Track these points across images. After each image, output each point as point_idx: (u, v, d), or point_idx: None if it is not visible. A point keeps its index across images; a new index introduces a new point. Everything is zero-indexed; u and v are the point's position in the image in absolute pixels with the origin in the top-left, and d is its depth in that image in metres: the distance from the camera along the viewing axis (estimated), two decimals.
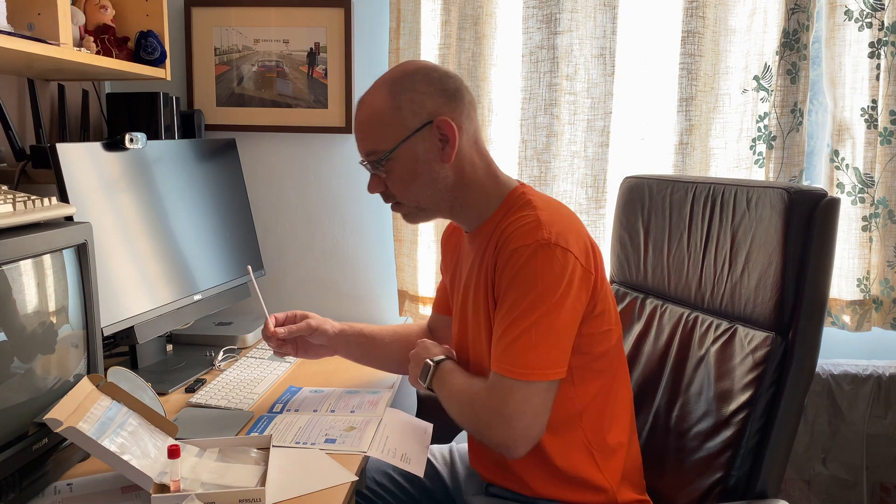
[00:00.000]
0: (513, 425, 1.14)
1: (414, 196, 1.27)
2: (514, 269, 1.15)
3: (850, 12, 1.95)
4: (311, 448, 1.29)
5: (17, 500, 1.07)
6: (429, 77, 1.24)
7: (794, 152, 1.99)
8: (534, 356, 1.13)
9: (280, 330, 1.48)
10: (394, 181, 1.26)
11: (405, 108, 1.22)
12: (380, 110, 1.23)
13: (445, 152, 1.23)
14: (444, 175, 1.25)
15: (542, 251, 1.14)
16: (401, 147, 1.22)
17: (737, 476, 1.24)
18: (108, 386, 1.18)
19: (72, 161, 1.47)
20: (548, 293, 1.13)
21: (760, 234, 1.28)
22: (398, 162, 1.23)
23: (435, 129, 1.22)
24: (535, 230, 1.16)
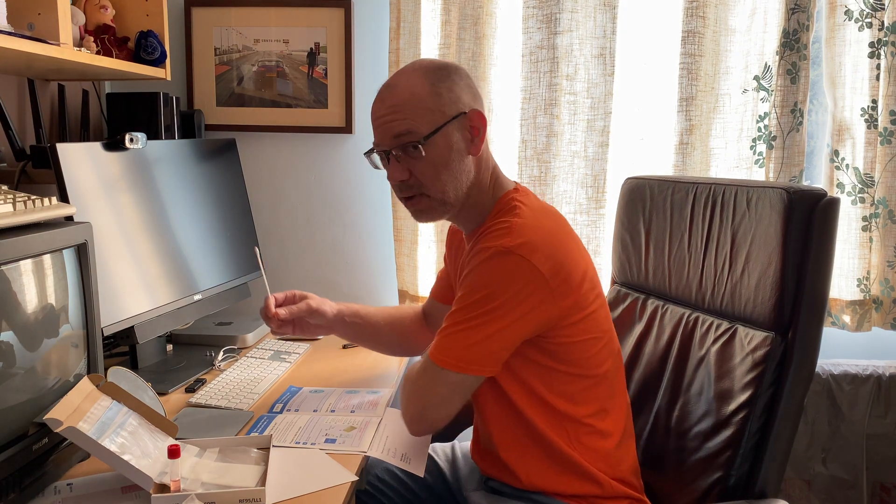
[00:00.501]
0: (415, 402, 1.21)
1: (442, 185, 1.25)
2: (470, 269, 1.19)
3: (850, 12, 1.95)
4: (311, 448, 1.29)
5: (17, 500, 1.07)
6: (461, 73, 1.29)
7: (794, 152, 1.99)
8: (457, 348, 1.17)
9: (281, 311, 1.50)
10: (424, 167, 1.24)
11: (445, 96, 1.24)
12: (419, 94, 1.23)
13: (475, 144, 1.26)
14: (468, 169, 1.27)
15: (499, 257, 1.16)
16: (439, 132, 1.23)
17: (736, 476, 1.24)
18: (108, 386, 1.18)
19: (72, 161, 1.47)
20: (492, 297, 1.15)
21: (760, 234, 1.28)
22: (433, 147, 1.23)
23: (467, 121, 1.25)
24: (502, 236, 1.18)
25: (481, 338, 1.16)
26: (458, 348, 1.17)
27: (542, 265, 1.16)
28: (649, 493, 1.34)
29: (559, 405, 1.24)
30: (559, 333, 1.21)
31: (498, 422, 1.28)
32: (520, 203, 1.25)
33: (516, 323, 1.16)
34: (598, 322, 1.27)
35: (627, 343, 1.54)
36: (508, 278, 1.15)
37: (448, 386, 1.19)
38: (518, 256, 1.15)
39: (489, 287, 1.16)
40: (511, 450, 1.27)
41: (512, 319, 1.16)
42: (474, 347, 1.17)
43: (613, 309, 1.62)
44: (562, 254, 1.19)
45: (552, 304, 1.18)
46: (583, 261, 1.25)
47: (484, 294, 1.16)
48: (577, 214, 2.09)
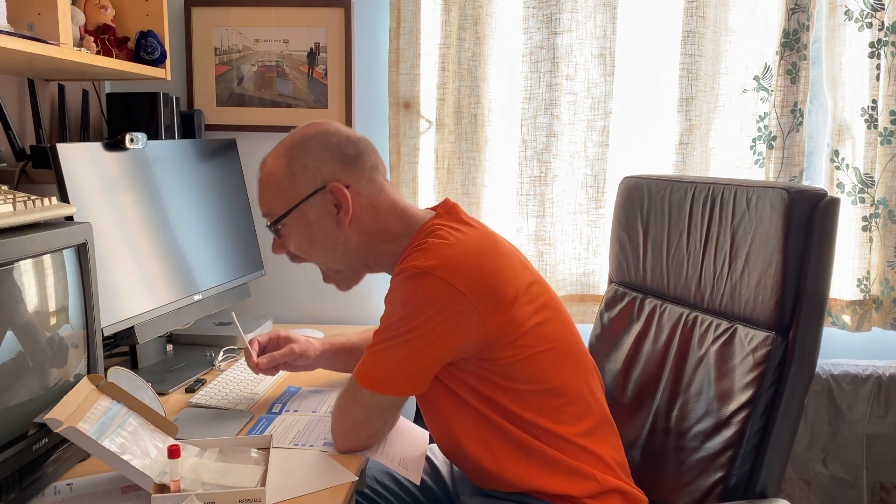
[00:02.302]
0: (338, 421, 1.24)
1: (318, 258, 1.29)
2: (391, 289, 1.18)
3: (850, 12, 1.95)
4: (309, 449, 1.29)
5: (17, 500, 1.07)
6: (326, 142, 1.25)
7: (794, 152, 1.99)
8: (376, 369, 1.18)
9: (262, 360, 1.47)
10: (293, 245, 1.28)
11: (299, 174, 1.24)
12: (275, 174, 1.25)
13: (340, 218, 1.24)
14: (345, 238, 1.26)
15: (416, 278, 1.14)
16: (293, 212, 1.25)
17: (737, 476, 1.24)
18: (108, 386, 1.18)
19: (72, 161, 1.47)
20: (410, 317, 1.14)
21: (760, 234, 1.28)
22: (293, 227, 1.26)
23: (329, 195, 1.23)
24: (419, 257, 1.16)
25: (399, 359, 1.16)
26: (376, 369, 1.18)
27: (462, 285, 1.13)
28: (649, 493, 1.33)
29: (528, 416, 1.21)
30: (500, 354, 1.18)
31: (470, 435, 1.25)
32: (441, 225, 1.23)
33: (436, 343, 1.14)
34: (543, 334, 1.22)
35: (625, 343, 1.54)
36: (427, 300, 1.13)
37: (366, 407, 1.20)
38: (436, 277, 1.12)
39: (407, 308, 1.14)
40: (491, 460, 1.23)
41: (431, 340, 1.14)
42: (393, 368, 1.17)
43: (611, 308, 1.62)
44: (487, 271, 1.16)
45: (478, 325, 1.14)
46: (515, 275, 1.20)
47: (402, 315, 1.15)
48: (577, 214, 2.09)
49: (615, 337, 1.57)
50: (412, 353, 1.16)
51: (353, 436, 1.24)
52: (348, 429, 1.24)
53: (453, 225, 1.24)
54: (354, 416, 1.22)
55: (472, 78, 2.05)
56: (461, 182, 2.10)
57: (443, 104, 2.06)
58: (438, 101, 2.06)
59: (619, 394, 1.51)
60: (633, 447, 1.43)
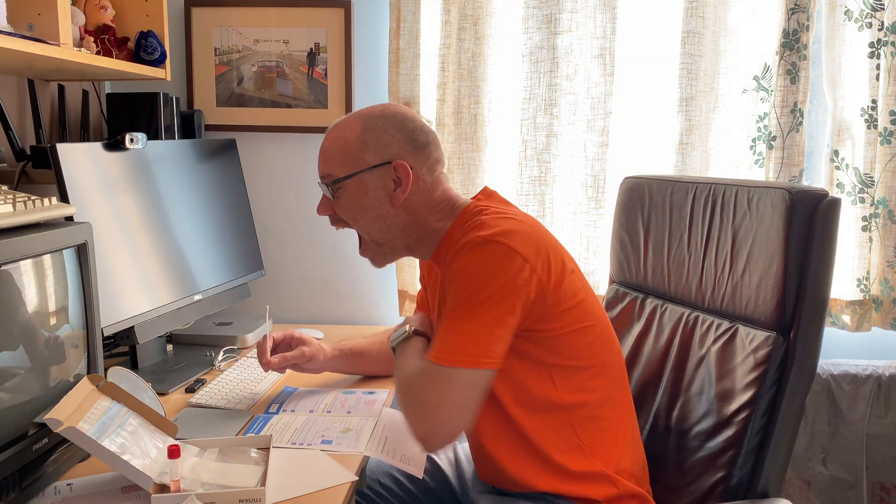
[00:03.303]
0: (425, 415, 1.14)
1: (363, 227, 1.31)
2: (455, 267, 1.18)
3: (849, 12, 1.95)
4: (308, 449, 1.29)
5: (17, 500, 1.07)
6: (403, 124, 1.29)
7: (794, 152, 1.99)
8: (462, 344, 1.13)
9: (274, 359, 1.51)
10: (341, 208, 1.30)
11: (370, 144, 1.27)
12: (345, 138, 1.28)
13: (396, 194, 1.27)
14: (394, 214, 1.28)
15: (479, 248, 1.16)
16: (353, 178, 1.27)
17: (739, 476, 1.24)
18: (108, 386, 1.18)
19: (72, 161, 1.47)
20: (484, 286, 1.14)
21: (762, 234, 1.28)
22: (348, 191, 1.28)
23: (391, 171, 1.26)
24: (476, 229, 1.19)
25: (483, 328, 1.14)
26: (463, 343, 1.14)
27: (522, 248, 1.16)
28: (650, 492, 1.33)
29: (563, 398, 1.22)
30: (550, 326, 1.20)
31: (490, 432, 1.26)
32: (486, 206, 1.27)
33: (512, 307, 1.15)
34: (590, 310, 1.26)
35: (626, 342, 1.54)
36: (494, 265, 1.15)
37: (461, 387, 1.12)
38: (497, 244, 1.15)
39: (478, 278, 1.15)
40: (509, 459, 1.25)
41: (508, 305, 1.14)
42: (480, 339, 1.14)
43: (611, 308, 1.62)
44: (542, 240, 1.21)
45: (539, 286, 1.17)
46: (562, 248, 1.25)
47: (475, 286, 1.15)
48: (577, 214, 2.09)
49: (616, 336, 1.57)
50: (495, 319, 1.14)
51: (448, 426, 1.14)
52: (442, 419, 1.13)
53: (497, 205, 1.29)
54: (451, 402, 1.12)
55: (472, 78, 2.05)
56: (461, 182, 2.10)
57: (443, 104, 2.06)
58: (438, 101, 2.06)
59: None
60: None
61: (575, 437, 1.23)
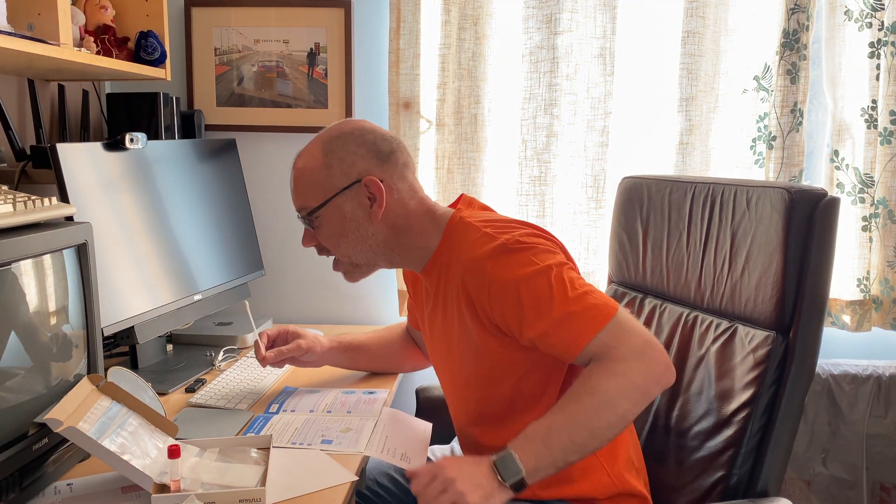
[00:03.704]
0: (645, 355, 1.07)
1: (345, 252, 1.30)
2: (499, 280, 1.16)
3: (849, 12, 1.95)
4: (308, 449, 1.29)
5: (17, 500, 1.07)
6: (363, 138, 1.27)
7: (794, 152, 1.99)
8: (598, 297, 1.12)
9: (270, 354, 1.51)
10: (324, 237, 1.30)
11: (335, 167, 1.26)
12: (311, 168, 1.27)
13: (373, 211, 1.26)
14: (374, 232, 1.28)
15: (507, 254, 1.16)
16: (328, 204, 1.26)
17: (738, 475, 1.24)
18: (108, 386, 1.18)
19: (72, 161, 1.47)
20: (553, 265, 1.14)
21: (761, 234, 1.28)
22: (326, 219, 1.28)
23: (363, 188, 1.25)
24: (485, 241, 1.19)
25: (581, 283, 1.14)
26: (590, 302, 1.11)
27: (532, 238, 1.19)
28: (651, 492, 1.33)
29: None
30: None
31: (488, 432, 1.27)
32: (472, 220, 1.26)
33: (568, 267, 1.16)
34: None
35: None
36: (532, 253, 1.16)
37: (629, 321, 1.11)
38: (515, 241, 1.17)
39: (531, 265, 1.14)
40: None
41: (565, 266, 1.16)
42: (595, 292, 1.13)
43: None
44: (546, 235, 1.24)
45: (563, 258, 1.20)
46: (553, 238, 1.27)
47: (533, 271, 1.14)
48: (576, 214, 2.09)
49: None
50: (576, 276, 1.15)
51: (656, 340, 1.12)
52: (649, 338, 1.10)
53: (478, 213, 1.29)
54: (638, 328, 1.11)
55: (472, 78, 2.05)
56: (461, 182, 2.10)
57: (443, 104, 2.06)
58: (438, 101, 2.06)
59: None
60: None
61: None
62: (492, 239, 1.19)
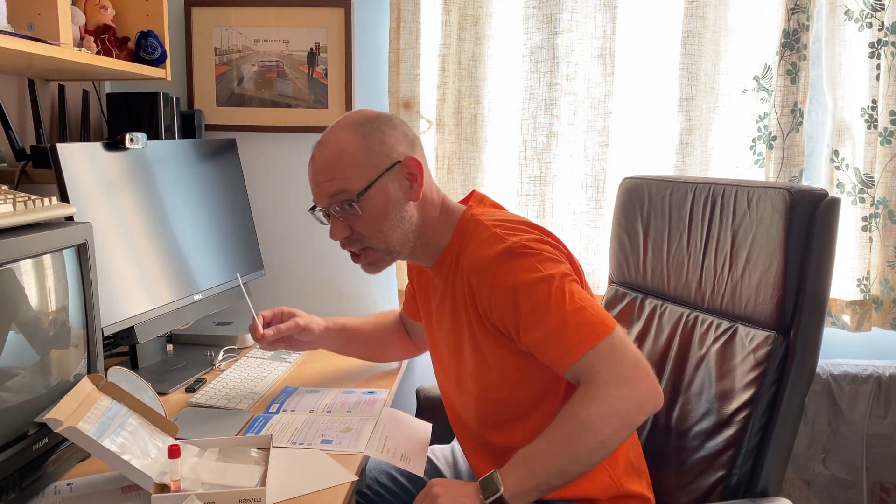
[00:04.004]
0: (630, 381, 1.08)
1: (384, 237, 1.26)
2: (501, 285, 1.16)
3: (850, 12, 1.95)
4: (308, 448, 1.29)
5: (17, 500, 1.07)
6: (392, 123, 1.27)
7: (794, 152, 1.99)
8: (594, 315, 1.11)
9: (268, 332, 1.50)
10: (364, 222, 1.24)
11: (375, 149, 1.24)
12: (349, 150, 1.23)
13: (413, 190, 1.25)
14: (411, 214, 1.27)
15: (511, 258, 1.16)
16: (373, 187, 1.23)
17: (739, 475, 1.24)
18: (108, 386, 1.18)
19: (72, 161, 1.47)
20: (556, 275, 1.14)
21: (761, 234, 1.28)
22: (369, 202, 1.23)
23: (403, 169, 1.25)
24: (493, 243, 1.19)
25: (582, 297, 1.13)
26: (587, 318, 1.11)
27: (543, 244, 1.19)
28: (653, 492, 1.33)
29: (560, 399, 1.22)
30: None
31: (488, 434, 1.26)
32: (483, 218, 1.26)
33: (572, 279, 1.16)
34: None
35: None
36: (536, 260, 1.16)
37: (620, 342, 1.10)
38: (522, 245, 1.17)
39: (535, 270, 1.14)
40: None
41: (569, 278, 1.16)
42: (594, 307, 1.13)
43: (611, 308, 1.62)
44: (554, 241, 1.24)
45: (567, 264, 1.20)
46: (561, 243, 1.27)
47: (537, 277, 1.14)
48: (577, 214, 2.09)
49: None
50: (578, 289, 1.15)
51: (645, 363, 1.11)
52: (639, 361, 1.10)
53: (490, 211, 1.29)
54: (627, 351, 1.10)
55: (472, 78, 2.05)
56: (461, 182, 2.10)
57: (443, 104, 2.06)
58: (438, 101, 2.06)
59: None
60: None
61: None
62: (500, 241, 1.18)
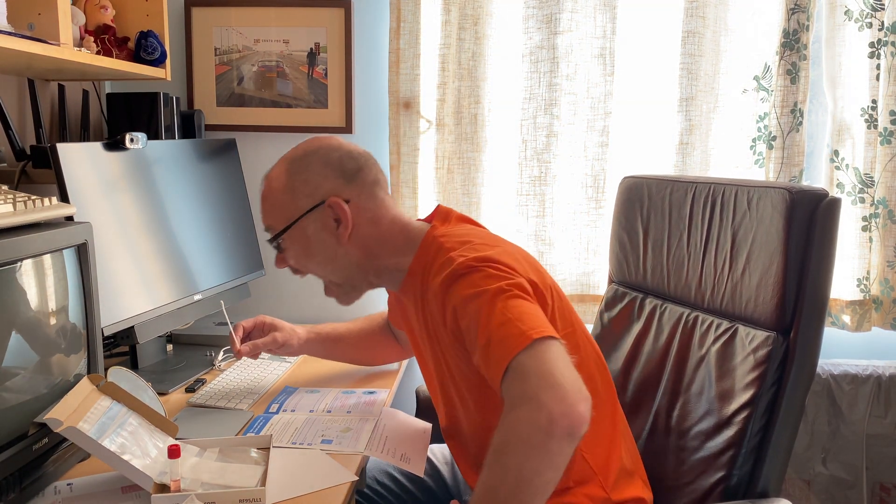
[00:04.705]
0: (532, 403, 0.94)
1: (318, 271, 1.29)
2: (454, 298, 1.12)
3: (850, 12, 1.95)
4: (308, 448, 1.29)
5: (17, 500, 1.07)
6: (328, 157, 1.25)
7: (794, 152, 1.99)
8: (517, 327, 1.02)
9: (244, 348, 1.51)
10: (292, 258, 1.28)
11: (299, 189, 1.24)
12: (275, 189, 1.26)
13: (339, 232, 1.24)
14: (345, 252, 1.25)
15: (456, 278, 1.12)
16: (292, 227, 1.24)
17: (738, 475, 1.24)
18: (108, 386, 1.18)
19: (72, 161, 1.47)
20: (490, 290, 1.07)
21: (761, 234, 1.28)
22: (291, 241, 1.26)
23: (329, 210, 1.23)
24: (447, 266, 1.14)
25: (522, 309, 1.05)
26: (517, 326, 1.01)
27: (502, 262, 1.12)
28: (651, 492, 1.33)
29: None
30: None
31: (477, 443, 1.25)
32: (444, 234, 1.22)
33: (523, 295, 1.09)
34: (565, 315, 1.22)
35: (626, 342, 1.54)
36: (485, 277, 1.10)
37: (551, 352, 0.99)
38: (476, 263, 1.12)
39: (479, 284, 1.09)
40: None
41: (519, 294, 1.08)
42: (530, 317, 1.04)
43: (611, 308, 1.62)
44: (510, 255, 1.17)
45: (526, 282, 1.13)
46: (524, 258, 1.21)
47: (479, 290, 1.08)
48: (577, 214, 2.09)
49: (615, 337, 1.57)
50: (526, 303, 1.07)
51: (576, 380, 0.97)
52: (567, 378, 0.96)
53: (454, 231, 1.25)
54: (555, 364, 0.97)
55: (472, 78, 2.05)
56: (461, 182, 2.10)
57: (443, 104, 2.06)
58: (438, 101, 2.06)
59: (619, 394, 1.51)
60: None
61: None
62: (451, 263, 1.14)
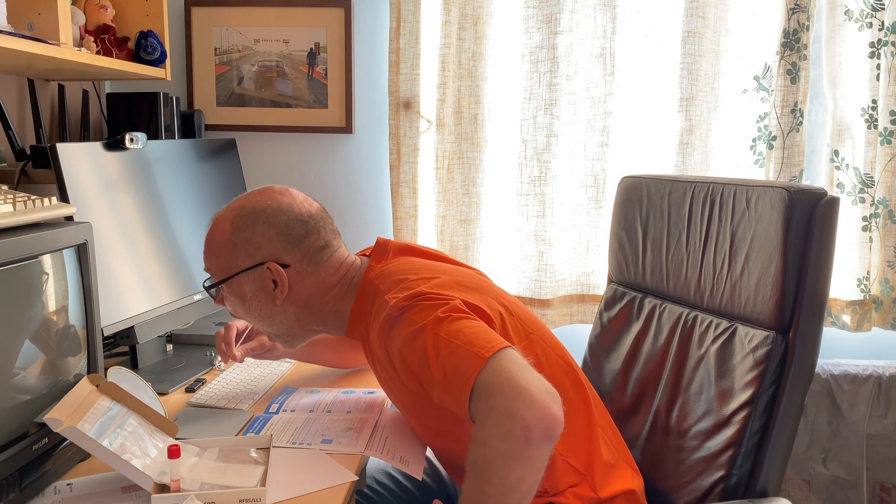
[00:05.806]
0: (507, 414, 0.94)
1: (255, 324, 1.30)
2: (396, 354, 1.11)
3: (850, 12, 1.96)
4: (308, 448, 1.29)
5: (17, 499, 1.07)
6: (275, 220, 1.23)
7: (794, 152, 1.99)
8: (467, 351, 1.01)
9: (237, 353, 1.51)
10: (230, 306, 1.30)
11: (241, 246, 1.23)
12: (217, 241, 1.26)
13: (276, 294, 1.24)
14: (281, 310, 1.26)
15: (393, 323, 1.10)
16: (230, 281, 1.25)
17: (738, 475, 1.24)
18: (108, 386, 1.18)
19: (72, 161, 1.47)
20: (429, 323, 1.07)
21: (760, 233, 1.28)
22: (229, 292, 1.27)
23: (267, 272, 1.23)
24: (382, 311, 1.13)
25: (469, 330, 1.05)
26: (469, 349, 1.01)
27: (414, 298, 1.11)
28: (649, 492, 1.33)
29: None
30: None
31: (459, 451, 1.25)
32: (379, 282, 1.20)
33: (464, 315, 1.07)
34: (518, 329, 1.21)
35: (625, 342, 1.54)
36: (422, 310, 1.08)
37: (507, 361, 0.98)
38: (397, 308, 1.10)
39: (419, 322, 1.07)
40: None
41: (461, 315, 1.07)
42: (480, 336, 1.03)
43: (610, 308, 1.62)
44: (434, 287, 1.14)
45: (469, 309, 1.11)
46: (464, 282, 1.19)
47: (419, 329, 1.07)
48: (576, 214, 2.10)
49: (615, 336, 1.58)
50: (470, 322, 1.06)
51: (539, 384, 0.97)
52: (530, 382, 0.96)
53: (389, 268, 1.23)
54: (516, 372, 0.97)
55: (472, 78, 2.05)
56: (461, 182, 2.10)
57: (443, 104, 2.06)
58: (438, 101, 2.06)
59: (618, 393, 1.51)
60: (633, 447, 1.43)
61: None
62: (385, 307, 1.13)
